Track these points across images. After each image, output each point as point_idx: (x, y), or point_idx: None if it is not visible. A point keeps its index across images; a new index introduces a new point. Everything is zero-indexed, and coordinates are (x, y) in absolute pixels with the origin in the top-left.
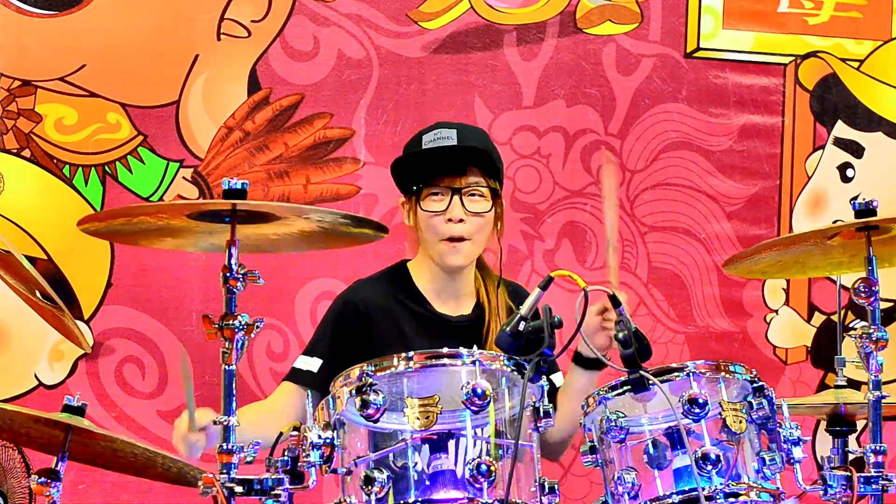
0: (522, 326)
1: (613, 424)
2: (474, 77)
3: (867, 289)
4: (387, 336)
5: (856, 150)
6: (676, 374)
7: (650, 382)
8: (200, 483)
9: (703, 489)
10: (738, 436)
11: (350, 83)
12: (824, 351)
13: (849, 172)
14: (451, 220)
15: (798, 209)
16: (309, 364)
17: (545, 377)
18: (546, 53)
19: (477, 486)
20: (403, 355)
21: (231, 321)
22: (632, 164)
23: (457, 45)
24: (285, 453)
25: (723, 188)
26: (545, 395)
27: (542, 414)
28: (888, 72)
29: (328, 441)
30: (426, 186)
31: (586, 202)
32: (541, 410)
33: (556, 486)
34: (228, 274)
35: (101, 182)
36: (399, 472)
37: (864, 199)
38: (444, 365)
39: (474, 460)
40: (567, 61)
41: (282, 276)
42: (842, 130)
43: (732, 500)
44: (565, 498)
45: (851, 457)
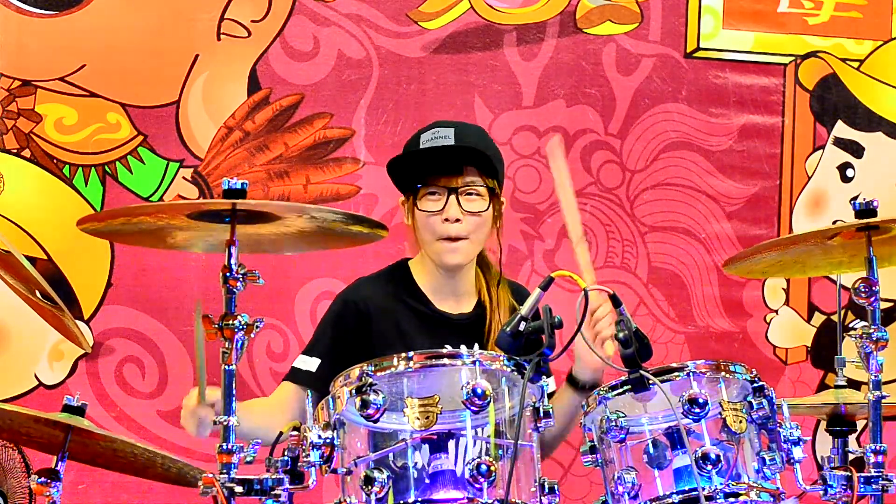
0: (523, 327)
1: (613, 424)
2: (474, 77)
3: (867, 289)
4: (387, 334)
5: (856, 150)
6: (676, 374)
7: (650, 382)
8: (200, 483)
9: (703, 489)
10: (738, 436)
11: (350, 83)
12: (824, 351)
13: (849, 172)
14: (448, 220)
15: (798, 209)
16: (308, 364)
17: (544, 377)
18: (546, 53)
19: (477, 486)
20: (403, 355)
21: (231, 321)
22: (632, 164)
23: (457, 45)
24: (285, 453)
25: (723, 188)
26: (545, 396)
27: (542, 414)
28: (888, 72)
29: (328, 441)
30: (423, 186)
31: (586, 202)
32: (541, 410)
33: (556, 486)
34: (228, 274)
35: (101, 182)
36: (399, 472)
37: (864, 199)
38: (444, 365)
39: (474, 460)
40: (567, 61)
41: (282, 276)
42: (842, 130)
43: (732, 500)
44: (565, 498)
45: (851, 457)
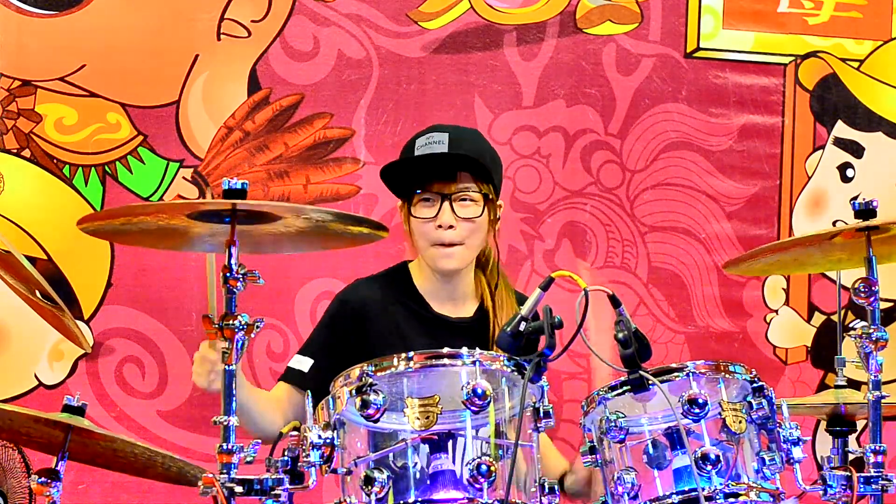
0: (523, 327)
1: (613, 424)
2: (474, 77)
3: (867, 289)
4: (385, 336)
5: (856, 150)
6: (676, 374)
7: (650, 382)
8: (200, 483)
9: (703, 489)
10: (738, 436)
11: (350, 83)
12: (824, 351)
13: (849, 172)
14: (442, 227)
15: (798, 209)
16: (301, 363)
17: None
18: (546, 53)
19: (477, 487)
20: (403, 355)
21: (231, 321)
22: (632, 164)
23: (457, 45)
24: (285, 453)
25: (723, 188)
26: (545, 396)
27: (543, 414)
28: (888, 72)
29: (328, 441)
30: (417, 192)
31: (586, 202)
32: (541, 411)
33: (556, 487)
34: (228, 274)
35: (101, 182)
36: (399, 472)
37: (864, 200)
38: (445, 365)
39: (474, 460)
40: (567, 61)
41: (282, 276)
42: (842, 130)
43: (732, 500)
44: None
45: (851, 457)
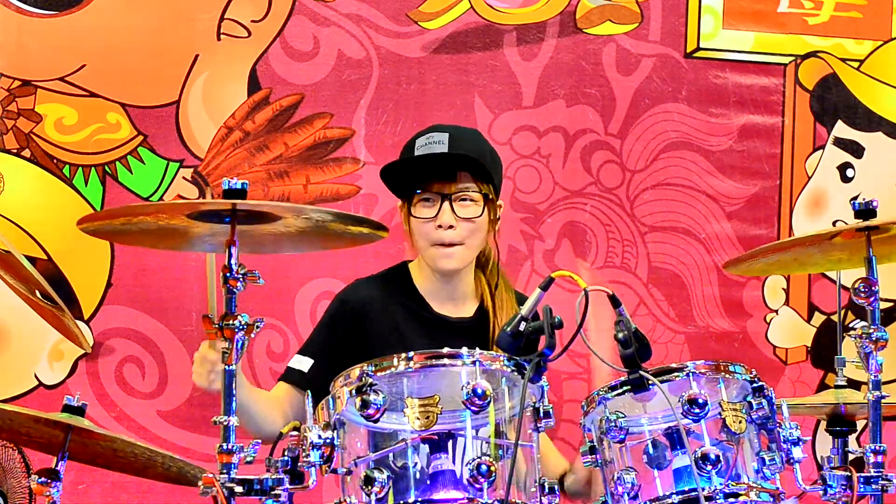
0: (523, 327)
1: (613, 424)
2: (474, 77)
3: (867, 289)
4: (385, 336)
5: (856, 150)
6: (676, 374)
7: (650, 382)
8: (200, 483)
9: (703, 489)
10: (738, 436)
11: (350, 83)
12: (824, 351)
13: (849, 172)
14: (442, 227)
15: (798, 209)
16: (301, 363)
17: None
18: (546, 53)
19: (477, 487)
20: (403, 355)
21: (231, 321)
22: (632, 164)
23: (457, 45)
24: (285, 453)
25: (723, 188)
26: (545, 396)
27: (543, 414)
28: (888, 72)
29: (328, 441)
30: (417, 192)
31: (586, 202)
32: (541, 411)
33: (556, 487)
34: (228, 274)
35: (101, 182)
36: (399, 472)
37: (864, 199)
38: (445, 365)
39: (474, 460)
40: (567, 61)
41: (282, 276)
42: (842, 130)
43: (732, 500)
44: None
45: (851, 457)
